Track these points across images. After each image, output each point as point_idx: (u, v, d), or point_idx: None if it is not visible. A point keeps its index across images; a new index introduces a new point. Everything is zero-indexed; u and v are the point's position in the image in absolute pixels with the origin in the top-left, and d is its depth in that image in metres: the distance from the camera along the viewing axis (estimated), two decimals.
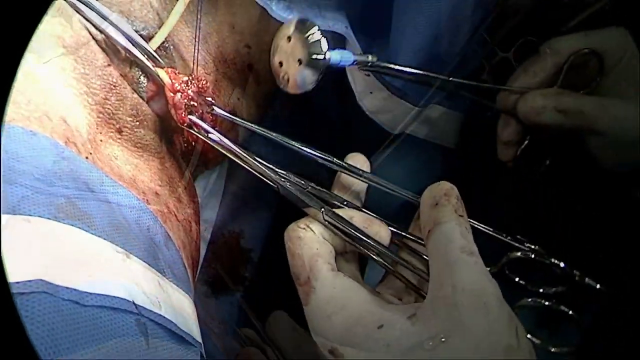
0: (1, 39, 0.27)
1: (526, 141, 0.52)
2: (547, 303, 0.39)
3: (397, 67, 0.45)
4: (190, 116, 0.43)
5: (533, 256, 0.39)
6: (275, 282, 0.65)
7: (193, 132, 0.44)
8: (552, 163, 0.53)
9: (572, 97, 0.47)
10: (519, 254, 0.40)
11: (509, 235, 0.42)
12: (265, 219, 0.65)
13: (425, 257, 0.38)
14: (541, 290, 0.40)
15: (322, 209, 0.38)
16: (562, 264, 0.39)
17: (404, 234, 0.41)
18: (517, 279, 0.40)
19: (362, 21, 0.47)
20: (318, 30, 0.34)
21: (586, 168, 0.51)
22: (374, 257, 0.38)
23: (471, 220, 0.36)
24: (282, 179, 0.40)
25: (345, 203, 0.42)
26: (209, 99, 0.44)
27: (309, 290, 0.35)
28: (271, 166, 0.41)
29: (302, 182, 0.41)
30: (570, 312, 0.38)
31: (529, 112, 0.48)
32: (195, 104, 0.43)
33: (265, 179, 0.40)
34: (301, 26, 0.35)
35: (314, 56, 0.34)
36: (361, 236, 0.37)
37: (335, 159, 0.44)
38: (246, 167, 0.41)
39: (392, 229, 0.40)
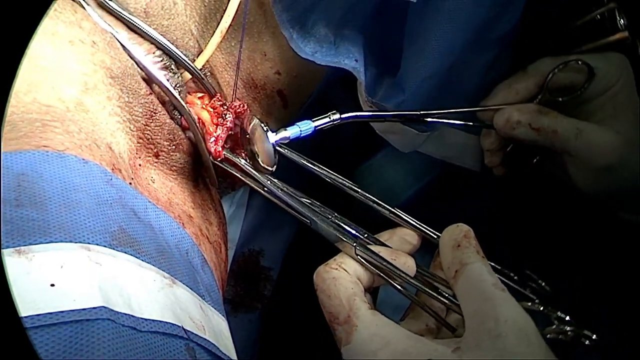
0: (1, 39, 0.27)
1: (510, 147, 0.52)
2: (569, 330, 0.40)
3: (371, 113, 0.49)
4: (224, 152, 0.44)
5: (542, 309, 0.41)
6: (294, 301, 0.66)
7: (224, 166, 0.45)
8: (541, 160, 0.53)
9: (548, 116, 0.47)
10: (529, 304, 0.41)
11: (517, 274, 0.44)
12: (284, 238, 0.66)
13: (446, 293, 0.39)
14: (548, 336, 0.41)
15: (355, 244, 0.38)
16: (567, 317, 0.40)
17: (425, 272, 0.42)
18: None
19: (379, 47, 0.49)
20: (262, 124, 0.43)
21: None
22: (404, 290, 0.39)
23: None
24: (310, 210, 0.41)
25: (365, 235, 0.42)
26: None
27: (350, 330, 0.35)
28: (300, 197, 0.42)
29: (328, 210, 0.42)
30: (594, 337, 0.39)
31: (503, 126, 0.48)
32: (232, 132, 0.44)
33: (297, 215, 0.41)
34: (260, 127, 0.43)
35: (267, 147, 0.43)
36: (392, 269, 0.38)
37: (360, 190, 0.45)
38: (277, 202, 0.42)
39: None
